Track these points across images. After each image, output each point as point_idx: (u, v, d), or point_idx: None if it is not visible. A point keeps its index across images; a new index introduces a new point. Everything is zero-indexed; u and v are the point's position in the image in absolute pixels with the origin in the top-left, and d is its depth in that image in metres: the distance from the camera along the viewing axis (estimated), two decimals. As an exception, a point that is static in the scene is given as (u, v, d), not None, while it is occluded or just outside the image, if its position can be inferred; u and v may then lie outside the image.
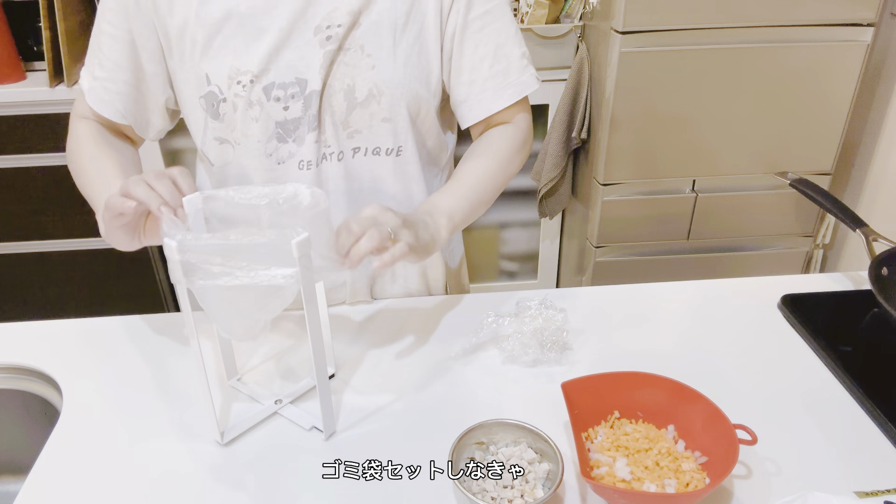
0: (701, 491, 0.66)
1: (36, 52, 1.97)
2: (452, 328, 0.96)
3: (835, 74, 1.76)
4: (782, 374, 0.87)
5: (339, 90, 0.88)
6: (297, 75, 0.87)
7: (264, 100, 0.87)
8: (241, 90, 0.87)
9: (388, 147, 0.93)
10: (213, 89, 0.88)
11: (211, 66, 0.87)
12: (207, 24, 0.85)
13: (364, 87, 0.89)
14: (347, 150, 0.92)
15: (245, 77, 0.86)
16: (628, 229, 1.95)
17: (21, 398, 0.91)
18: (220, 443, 0.77)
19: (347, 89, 0.88)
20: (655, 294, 1.03)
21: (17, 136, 1.95)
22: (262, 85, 0.87)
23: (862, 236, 0.98)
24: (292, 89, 0.87)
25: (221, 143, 0.92)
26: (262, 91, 0.87)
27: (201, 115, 0.90)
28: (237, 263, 0.64)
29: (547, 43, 1.95)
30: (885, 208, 1.93)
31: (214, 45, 0.86)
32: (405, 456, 0.76)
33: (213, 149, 0.93)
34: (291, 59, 0.86)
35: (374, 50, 0.88)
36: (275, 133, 0.90)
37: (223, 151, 0.93)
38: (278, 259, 0.65)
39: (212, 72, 0.87)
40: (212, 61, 0.87)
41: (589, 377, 0.77)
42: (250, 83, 0.86)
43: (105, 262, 2.14)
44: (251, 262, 0.65)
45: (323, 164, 0.92)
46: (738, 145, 1.85)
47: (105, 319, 0.99)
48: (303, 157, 0.91)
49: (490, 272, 2.46)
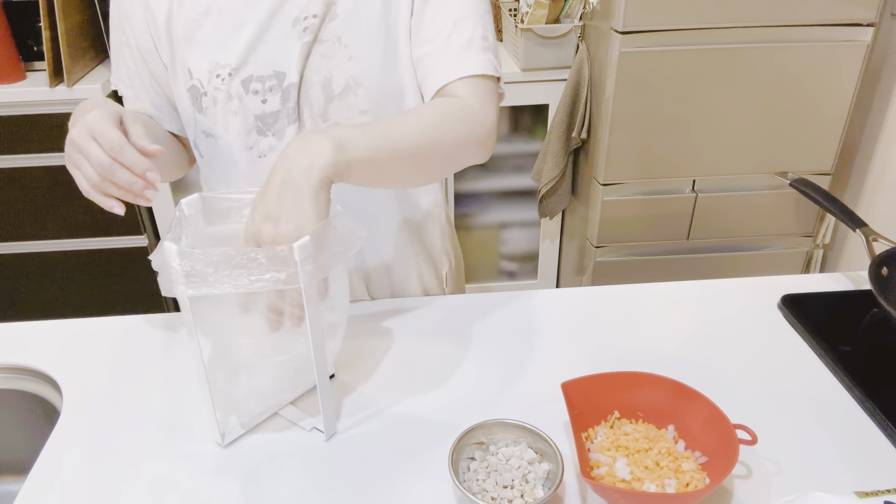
0: (701, 491, 0.66)
1: (36, 52, 1.97)
2: (452, 328, 0.96)
3: (835, 74, 1.76)
4: (782, 374, 0.87)
5: (316, 83, 0.88)
6: (276, 68, 0.87)
7: (243, 93, 0.87)
8: (220, 83, 0.87)
9: None
10: (196, 83, 0.89)
11: (192, 61, 0.88)
12: (188, 17, 0.86)
13: (340, 80, 0.88)
14: None
15: (224, 70, 0.87)
16: (628, 229, 1.95)
17: (21, 398, 0.91)
18: (221, 445, 0.77)
19: (324, 81, 0.88)
20: (655, 294, 1.03)
21: (17, 136, 1.95)
22: (241, 78, 0.87)
23: (862, 236, 0.98)
24: (270, 82, 0.87)
25: (207, 136, 0.93)
26: (240, 84, 0.87)
27: (189, 107, 0.91)
28: (237, 272, 0.64)
29: (547, 43, 1.95)
30: (885, 208, 1.93)
31: (196, 38, 0.87)
32: (406, 456, 0.76)
33: (202, 142, 0.94)
34: (269, 52, 0.86)
35: (351, 41, 0.87)
36: (254, 126, 0.90)
37: (209, 144, 0.93)
38: (278, 264, 0.65)
39: (193, 66, 0.88)
40: (193, 55, 0.87)
41: (589, 377, 0.77)
42: (228, 76, 0.87)
43: (105, 262, 2.14)
44: (251, 269, 0.64)
45: None
46: (738, 145, 1.85)
47: (105, 319, 0.99)
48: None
49: (490, 272, 2.45)
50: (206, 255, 0.63)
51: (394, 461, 0.75)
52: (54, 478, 0.75)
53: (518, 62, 1.99)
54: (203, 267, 0.63)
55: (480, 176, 2.22)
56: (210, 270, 0.63)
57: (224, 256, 0.63)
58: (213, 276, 0.63)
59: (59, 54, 1.87)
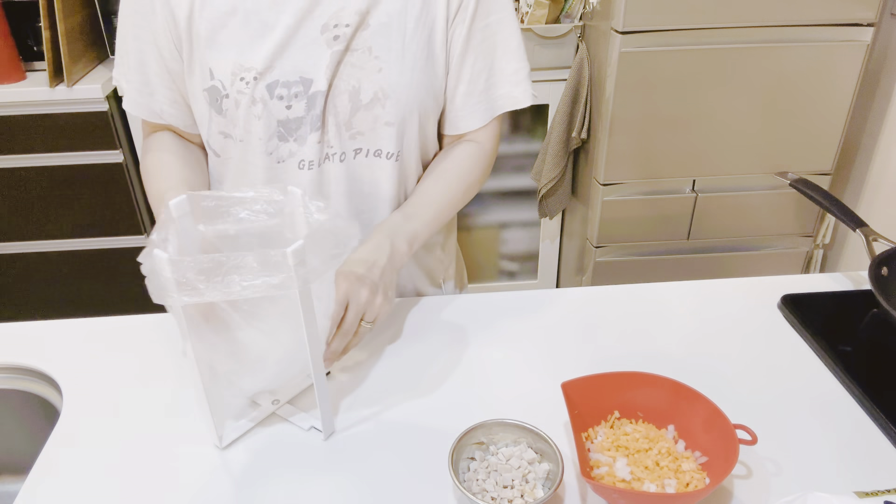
0: (701, 491, 0.66)
1: (36, 52, 1.97)
2: (452, 327, 0.96)
3: (835, 74, 1.76)
4: (782, 374, 0.87)
5: (344, 91, 0.87)
6: (302, 74, 0.86)
7: (267, 97, 0.86)
8: (244, 87, 0.86)
9: (388, 151, 0.92)
10: (217, 84, 0.87)
11: (214, 61, 0.86)
12: (212, 16, 0.84)
13: (370, 90, 0.88)
14: (349, 150, 0.91)
15: (249, 74, 0.85)
16: (628, 229, 1.95)
17: (21, 398, 0.91)
18: (220, 447, 0.77)
19: (353, 91, 0.87)
20: (655, 294, 1.03)
21: (17, 136, 1.95)
22: (266, 83, 0.86)
23: (862, 236, 0.98)
24: (296, 88, 0.86)
25: (225, 137, 0.92)
26: (265, 89, 0.86)
27: (205, 107, 0.90)
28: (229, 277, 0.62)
29: (547, 43, 1.95)
30: (885, 208, 1.93)
31: (219, 39, 0.85)
32: (405, 456, 0.76)
33: (218, 142, 0.93)
34: (297, 58, 0.85)
35: (382, 52, 0.87)
36: (276, 132, 0.89)
37: (226, 145, 0.93)
38: (271, 269, 0.63)
39: (215, 66, 0.86)
40: (216, 56, 0.86)
41: (589, 377, 0.77)
42: (254, 80, 0.85)
43: (105, 262, 2.14)
44: (244, 274, 0.62)
45: (325, 164, 0.91)
46: (738, 145, 1.85)
47: (105, 319, 0.99)
48: (304, 157, 0.90)
49: (490, 272, 2.45)
50: (197, 263, 0.62)
51: (393, 461, 0.75)
52: (54, 478, 0.74)
53: (518, 62, 1.99)
54: (194, 275, 0.62)
55: (480, 176, 2.22)
56: (201, 278, 0.62)
57: (214, 262, 0.62)
58: (203, 284, 0.62)
59: (59, 54, 1.87)
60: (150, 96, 0.93)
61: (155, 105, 0.93)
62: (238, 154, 0.92)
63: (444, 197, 0.96)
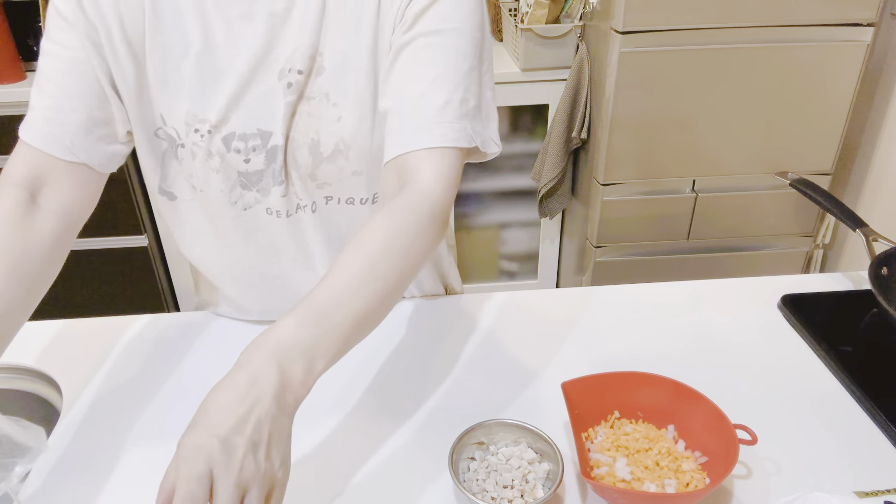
0: (701, 491, 0.66)
1: (36, 52, 1.97)
2: (452, 328, 0.96)
3: (835, 74, 1.76)
4: (782, 374, 0.87)
5: (302, 144, 0.80)
6: (260, 126, 0.78)
7: (224, 151, 0.79)
8: (199, 139, 0.79)
9: (362, 197, 0.85)
10: (171, 132, 0.80)
11: (165, 107, 0.78)
12: (163, 57, 0.76)
13: (329, 142, 0.80)
14: (319, 199, 0.85)
15: (203, 126, 0.78)
16: (628, 229, 1.95)
17: (21, 398, 0.91)
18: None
19: (312, 143, 0.80)
20: (655, 294, 1.03)
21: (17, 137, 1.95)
22: (222, 135, 0.79)
23: (862, 236, 0.98)
24: (253, 141, 0.79)
25: (187, 178, 0.84)
26: (221, 142, 0.79)
27: (158, 151, 0.82)
28: None
29: (547, 43, 1.95)
30: (885, 208, 1.93)
31: (170, 82, 0.77)
32: (405, 456, 0.76)
33: (177, 183, 0.84)
34: (253, 109, 0.78)
35: (339, 98, 0.78)
36: (237, 181, 0.82)
37: (188, 190, 0.85)
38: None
39: (166, 112, 0.78)
40: (166, 101, 0.78)
41: (589, 377, 0.77)
42: (209, 133, 0.78)
43: (105, 262, 2.14)
44: None
45: (298, 213, 0.85)
46: (738, 145, 1.85)
47: (105, 319, 0.99)
48: (270, 206, 0.84)
49: (490, 272, 2.45)
50: None
51: (393, 461, 0.75)
52: (54, 478, 0.74)
53: (518, 62, 1.99)
54: None
55: (480, 176, 2.22)
56: None
57: None
58: None
59: (59, 54, 1.87)
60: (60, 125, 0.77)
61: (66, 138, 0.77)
62: (201, 201, 0.85)
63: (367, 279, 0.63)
